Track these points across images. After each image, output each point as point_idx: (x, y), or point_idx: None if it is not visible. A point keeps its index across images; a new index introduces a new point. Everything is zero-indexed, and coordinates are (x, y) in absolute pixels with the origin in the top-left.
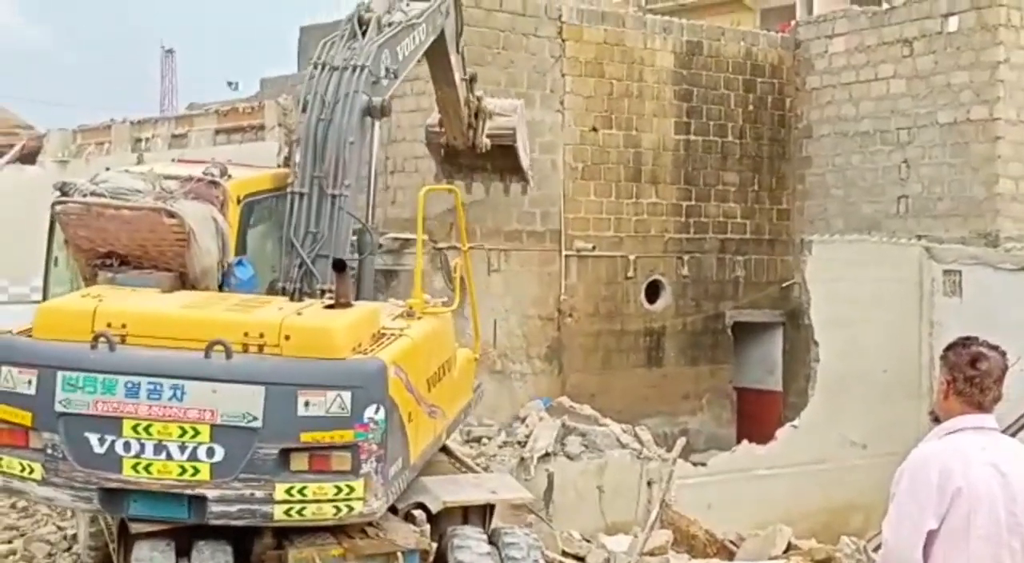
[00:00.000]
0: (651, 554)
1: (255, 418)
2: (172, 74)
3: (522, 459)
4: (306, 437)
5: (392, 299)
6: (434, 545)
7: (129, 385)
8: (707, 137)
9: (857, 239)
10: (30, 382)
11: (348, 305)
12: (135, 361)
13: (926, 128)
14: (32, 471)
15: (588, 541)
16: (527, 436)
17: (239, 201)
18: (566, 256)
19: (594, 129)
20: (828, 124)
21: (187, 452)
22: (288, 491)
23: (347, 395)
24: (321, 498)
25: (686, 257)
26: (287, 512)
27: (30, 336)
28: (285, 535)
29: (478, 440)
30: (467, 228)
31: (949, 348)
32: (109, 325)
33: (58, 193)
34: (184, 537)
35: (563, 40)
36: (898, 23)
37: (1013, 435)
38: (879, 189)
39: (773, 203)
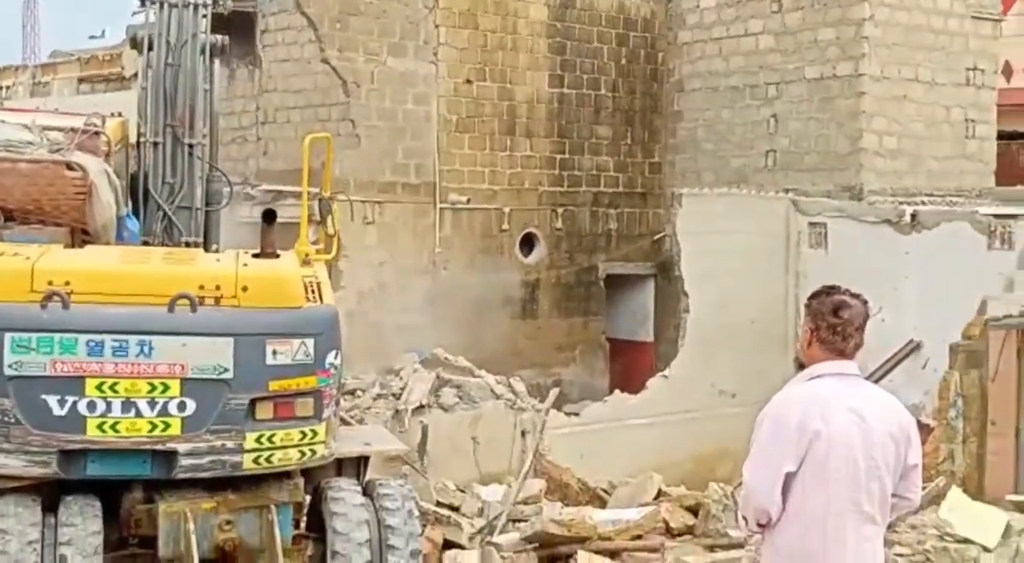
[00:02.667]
0: (525, 503)
1: (226, 370)
2: (34, 21)
3: (397, 411)
4: (274, 386)
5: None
6: (308, 498)
7: (91, 343)
8: (580, 90)
9: (726, 193)
10: None
11: (276, 255)
12: (94, 319)
13: (794, 83)
14: None
15: (463, 491)
16: (401, 388)
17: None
18: (441, 208)
19: (468, 81)
20: (699, 78)
21: (157, 408)
22: (257, 439)
23: (310, 342)
24: (288, 444)
25: (560, 210)
26: (255, 460)
27: None
28: (156, 489)
29: (352, 392)
30: (332, 177)
31: (813, 297)
32: (50, 283)
33: None
34: (50, 492)
35: None
36: None
37: (876, 382)
38: (748, 143)
39: (645, 156)
